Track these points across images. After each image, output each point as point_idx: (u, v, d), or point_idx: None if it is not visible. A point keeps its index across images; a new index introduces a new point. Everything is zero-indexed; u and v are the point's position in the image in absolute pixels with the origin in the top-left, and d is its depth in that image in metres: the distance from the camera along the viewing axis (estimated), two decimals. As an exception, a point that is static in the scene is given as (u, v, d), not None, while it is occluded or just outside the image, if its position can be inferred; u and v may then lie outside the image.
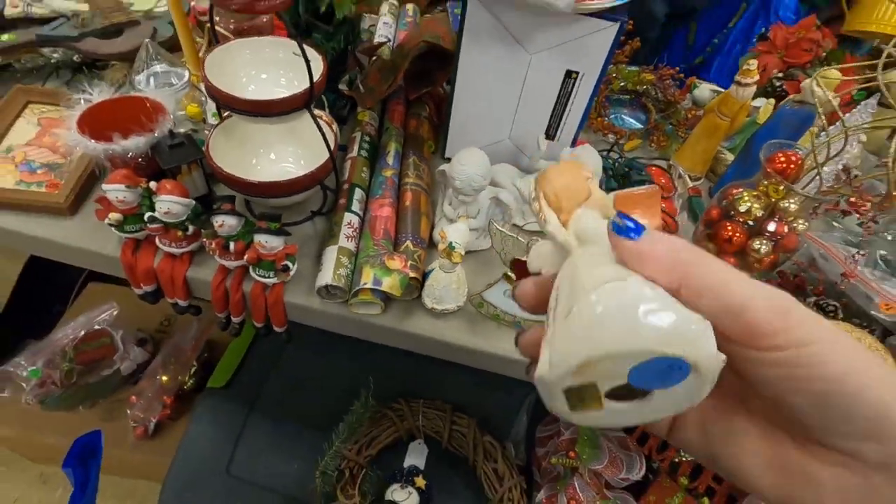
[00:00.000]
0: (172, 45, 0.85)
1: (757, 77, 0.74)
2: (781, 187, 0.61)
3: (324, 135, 0.59)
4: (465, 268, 0.67)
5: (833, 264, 0.62)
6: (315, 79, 0.55)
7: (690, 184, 0.85)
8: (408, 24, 1.02)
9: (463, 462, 0.77)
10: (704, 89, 0.96)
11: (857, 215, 0.58)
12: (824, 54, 0.92)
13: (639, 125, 0.97)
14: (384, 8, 1.04)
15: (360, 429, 0.72)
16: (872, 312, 0.59)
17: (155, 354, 1.04)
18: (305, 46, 0.53)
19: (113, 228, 0.60)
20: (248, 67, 0.61)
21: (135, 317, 1.07)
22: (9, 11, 0.77)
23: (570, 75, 0.68)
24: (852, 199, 0.57)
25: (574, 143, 0.76)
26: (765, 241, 0.64)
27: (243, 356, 0.88)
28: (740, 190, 0.66)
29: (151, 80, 0.69)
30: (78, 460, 0.56)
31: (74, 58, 0.78)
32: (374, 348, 0.72)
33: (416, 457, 0.75)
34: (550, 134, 0.75)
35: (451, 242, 0.56)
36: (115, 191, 0.57)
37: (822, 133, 0.61)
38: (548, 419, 0.82)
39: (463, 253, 0.57)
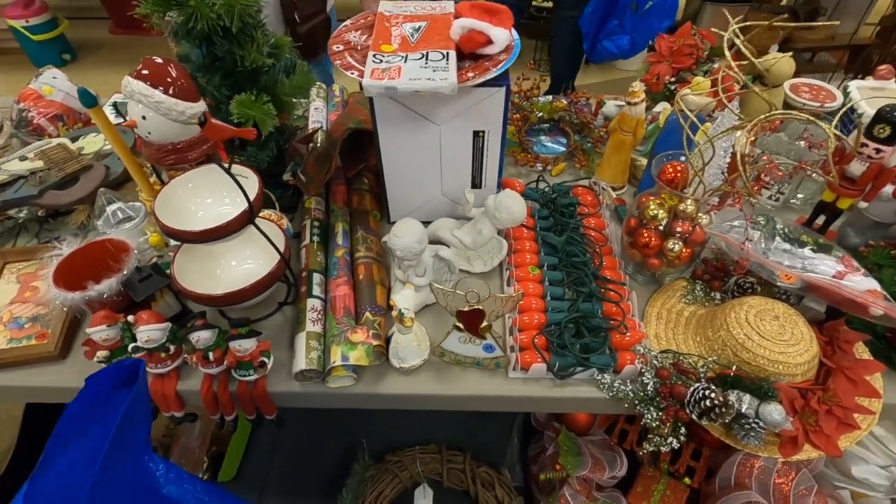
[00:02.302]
0: (127, 177, 0.93)
1: (642, 97, 0.84)
2: (674, 195, 0.69)
3: (272, 242, 0.66)
4: (425, 321, 0.74)
5: (734, 250, 0.70)
6: (252, 197, 0.63)
7: (614, 195, 0.93)
8: (337, 105, 1.11)
9: (464, 496, 0.83)
10: (611, 106, 1.06)
11: (737, 207, 0.66)
12: (706, 54, 1.02)
13: (561, 149, 1.06)
14: (313, 93, 1.14)
15: (364, 488, 0.78)
16: (778, 284, 0.67)
17: (166, 459, 1.08)
18: (238, 167, 0.61)
19: (103, 364, 0.66)
20: (194, 196, 0.69)
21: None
22: (-28, 184, 0.85)
23: (477, 134, 0.76)
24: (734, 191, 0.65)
25: (499, 186, 0.84)
26: (677, 241, 0.72)
27: (246, 446, 0.93)
28: (647, 199, 0.75)
29: (112, 220, 0.77)
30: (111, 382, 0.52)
31: (39, 213, 0.85)
32: (362, 411, 0.78)
33: (422, 501, 0.80)
34: (476, 184, 0.84)
35: (400, 310, 0.63)
36: (98, 332, 0.64)
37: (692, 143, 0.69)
38: (535, 438, 0.88)
39: (412, 316, 0.64)
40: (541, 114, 1.07)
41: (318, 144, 0.94)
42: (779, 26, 0.71)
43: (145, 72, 0.54)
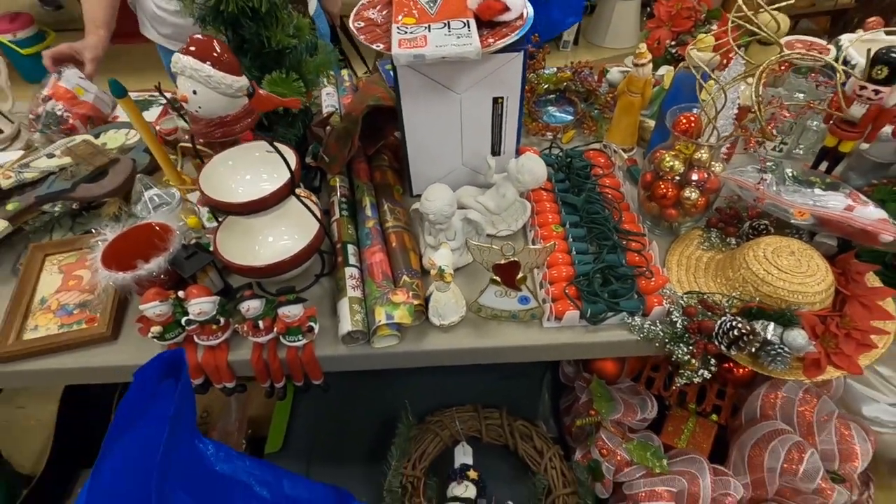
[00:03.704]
0: (152, 169, 0.96)
1: (648, 57, 0.88)
2: (690, 143, 0.73)
3: (312, 212, 0.70)
4: (458, 282, 0.77)
5: (748, 192, 0.74)
6: (293, 169, 0.66)
7: (625, 156, 0.97)
8: (347, 90, 1.14)
9: (504, 449, 0.86)
10: (615, 72, 1.09)
11: (751, 149, 0.70)
12: (703, 16, 1.06)
13: (570, 118, 1.09)
14: (323, 80, 1.16)
15: (409, 447, 0.81)
16: (792, 221, 0.71)
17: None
18: (277, 144, 0.64)
19: (155, 340, 0.69)
20: (233, 174, 0.71)
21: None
22: (4, 183, 0.87)
23: (496, 101, 0.80)
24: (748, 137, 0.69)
25: (517, 153, 0.88)
26: (693, 189, 0.76)
27: (289, 418, 0.96)
28: (662, 153, 0.78)
29: (150, 206, 0.79)
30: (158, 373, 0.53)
31: (73, 206, 0.87)
32: (400, 375, 0.82)
33: (463, 457, 0.84)
34: (495, 151, 0.87)
35: (440, 267, 0.67)
36: (152, 307, 0.66)
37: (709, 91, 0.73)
38: (565, 392, 0.92)
39: (452, 272, 0.67)
40: (546, 85, 1.10)
41: (335, 127, 0.96)
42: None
43: (193, 48, 0.57)
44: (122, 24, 1.20)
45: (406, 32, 0.69)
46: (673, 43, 1.06)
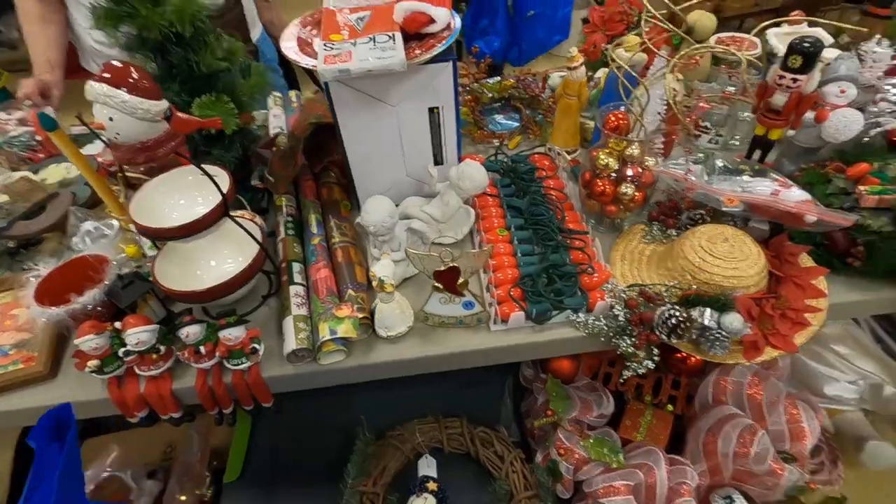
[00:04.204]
0: (94, 202, 0.94)
1: (580, 61, 0.90)
2: (620, 141, 0.75)
3: (249, 232, 0.69)
4: (405, 292, 0.77)
5: (679, 184, 0.76)
6: (225, 190, 0.65)
7: (569, 157, 0.99)
8: (295, 110, 1.14)
9: (467, 458, 0.85)
10: (556, 77, 1.12)
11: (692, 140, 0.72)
12: (636, 19, 1.10)
13: (515, 124, 1.11)
14: (270, 101, 1.17)
15: (368, 464, 0.80)
16: (724, 208, 0.73)
17: (168, 481, 1.08)
18: (209, 167, 0.64)
19: (94, 374, 0.67)
20: (166, 198, 0.71)
21: (138, 454, 1.11)
22: (-63, 225, 0.85)
23: (432, 111, 0.81)
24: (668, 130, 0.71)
25: (459, 160, 0.89)
26: (629, 185, 0.78)
27: (247, 445, 0.94)
28: (597, 152, 0.80)
29: (87, 238, 0.78)
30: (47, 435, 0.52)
31: (10, 245, 0.85)
32: (362, 390, 0.81)
33: (426, 470, 0.82)
34: (437, 160, 0.88)
35: (380, 278, 0.67)
36: (87, 341, 0.65)
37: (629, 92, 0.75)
38: (526, 396, 0.92)
39: (393, 283, 0.67)
40: (491, 94, 1.12)
41: (280, 147, 0.96)
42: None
43: (107, 74, 0.56)
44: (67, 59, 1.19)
45: (332, 49, 0.70)
46: (608, 46, 1.09)
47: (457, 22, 0.77)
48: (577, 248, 0.78)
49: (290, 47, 0.76)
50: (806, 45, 0.77)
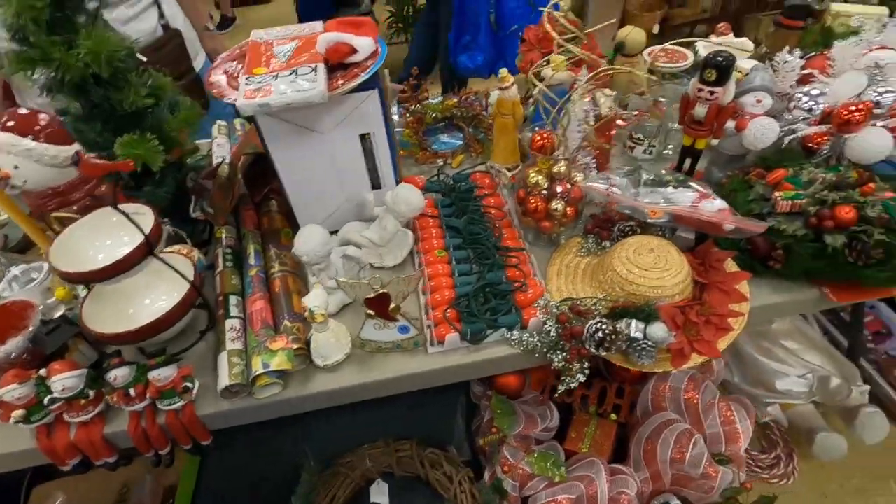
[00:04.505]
0: (26, 244, 0.92)
1: (511, 80, 0.92)
2: (546, 159, 0.77)
3: (175, 269, 0.68)
4: (346, 320, 0.77)
5: (603, 198, 0.78)
6: (148, 230, 0.65)
7: (509, 175, 1.01)
8: (239, 139, 1.14)
9: (417, 480, 0.85)
10: (494, 95, 1.14)
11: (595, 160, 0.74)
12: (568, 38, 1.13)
13: (458, 142, 1.13)
14: (215, 130, 1.16)
15: (314, 495, 0.79)
16: (649, 220, 0.76)
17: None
18: (133, 205, 0.63)
19: (20, 424, 0.65)
20: (91, 240, 0.69)
21: (91, 499, 1.08)
22: None
23: (364, 137, 0.82)
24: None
25: (398, 182, 0.89)
26: (559, 200, 0.80)
27: (195, 486, 0.92)
28: (528, 170, 0.82)
29: (14, 284, 0.76)
30: None
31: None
32: (311, 419, 0.80)
33: (378, 496, 0.82)
34: (375, 184, 0.89)
35: (310, 308, 0.67)
36: (10, 391, 0.63)
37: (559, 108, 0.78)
38: (477, 413, 0.92)
39: (324, 312, 0.67)
40: (434, 114, 1.14)
41: (219, 177, 0.96)
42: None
43: (10, 123, 0.56)
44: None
45: (253, 83, 0.70)
46: (545, 64, 1.12)
47: (382, 50, 0.79)
48: (513, 265, 0.80)
49: (215, 82, 0.77)
50: (719, 59, 0.81)
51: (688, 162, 0.96)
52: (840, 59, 0.82)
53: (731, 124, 0.88)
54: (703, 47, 1.22)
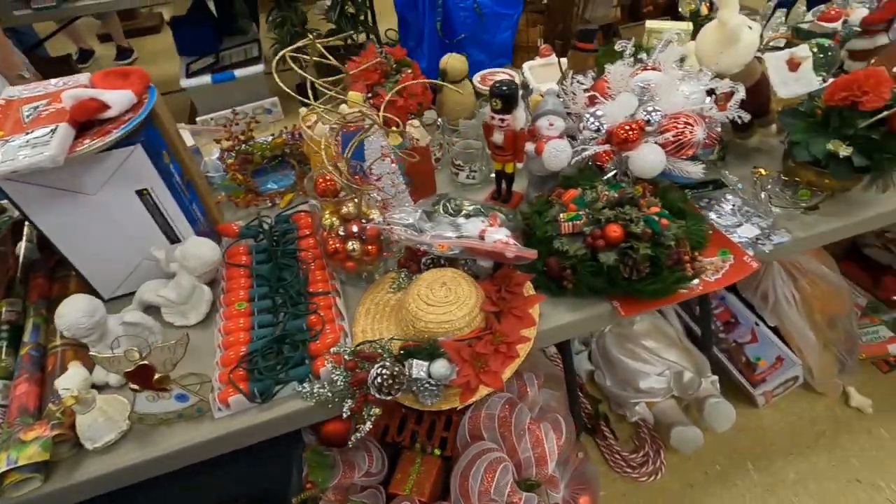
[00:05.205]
0: None
1: (313, 119, 0.91)
2: (328, 202, 0.75)
3: None
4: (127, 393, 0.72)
5: (388, 235, 0.77)
6: None
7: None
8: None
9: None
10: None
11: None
12: (392, 68, 1.13)
13: (290, 181, 1.10)
14: None
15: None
16: (437, 254, 0.75)
17: None
18: None
19: None
20: None
21: None
22: None
23: (142, 193, 0.77)
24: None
25: (199, 234, 0.85)
26: (355, 241, 0.78)
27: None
28: (319, 214, 0.80)
29: None
30: None
31: None
32: (137, 492, 0.73)
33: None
34: (173, 238, 0.84)
35: (60, 391, 0.61)
36: None
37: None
38: (309, 463, 0.89)
39: (75, 394, 0.61)
40: (263, 153, 1.10)
41: None
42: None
43: None
44: None
45: (-18, 150, 0.64)
46: (369, 95, 1.12)
47: (150, 100, 0.75)
48: (313, 311, 0.77)
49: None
50: (504, 88, 0.83)
51: (504, 185, 0.98)
52: (614, 81, 0.87)
53: (529, 147, 0.91)
54: (529, 69, 1.27)
